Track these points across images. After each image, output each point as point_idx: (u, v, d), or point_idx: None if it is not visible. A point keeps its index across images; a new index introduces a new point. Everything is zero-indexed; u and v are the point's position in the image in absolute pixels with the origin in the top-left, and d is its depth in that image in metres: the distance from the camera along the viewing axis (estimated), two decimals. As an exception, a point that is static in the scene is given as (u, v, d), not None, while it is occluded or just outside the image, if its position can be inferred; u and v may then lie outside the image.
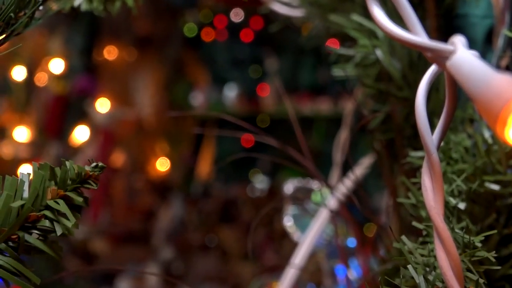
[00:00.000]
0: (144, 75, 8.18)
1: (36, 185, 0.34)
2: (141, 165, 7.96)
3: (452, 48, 0.38)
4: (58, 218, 0.35)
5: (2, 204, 0.32)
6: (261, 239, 4.41)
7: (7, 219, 0.33)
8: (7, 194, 0.33)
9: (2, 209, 0.32)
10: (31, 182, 0.35)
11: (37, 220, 0.35)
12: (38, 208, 0.35)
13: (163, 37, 7.80)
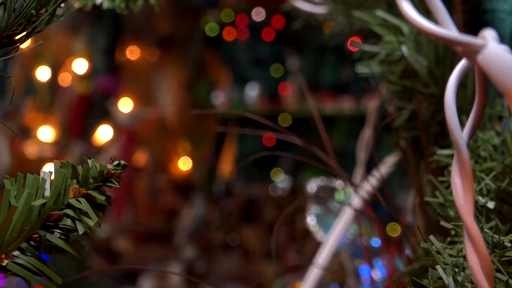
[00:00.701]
0: (166, 75, 8.23)
1: (57, 183, 0.34)
2: (164, 164, 8.01)
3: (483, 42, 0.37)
4: (80, 217, 0.35)
5: (24, 203, 0.32)
6: (283, 238, 4.40)
7: (28, 218, 0.33)
8: (28, 193, 0.33)
9: (24, 208, 0.32)
10: (52, 181, 0.34)
11: (58, 219, 0.34)
12: (60, 207, 0.34)
13: (184, 37, 7.84)
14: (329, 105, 5.95)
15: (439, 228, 0.69)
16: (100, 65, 6.94)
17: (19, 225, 0.32)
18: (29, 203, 0.32)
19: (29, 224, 0.33)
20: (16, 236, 0.32)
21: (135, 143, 5.00)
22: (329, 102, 5.93)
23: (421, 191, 0.70)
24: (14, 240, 0.32)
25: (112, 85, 6.75)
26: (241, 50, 7.60)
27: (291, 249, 4.25)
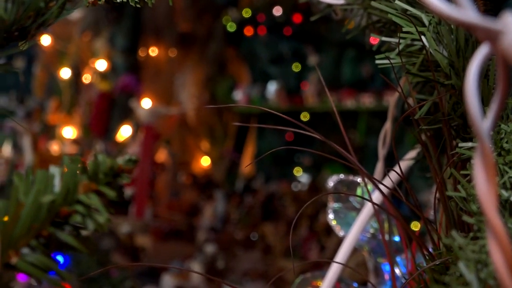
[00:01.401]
0: (186, 73, 8.26)
1: (67, 179, 0.33)
2: (185, 161, 8.05)
3: (505, 26, 0.35)
4: (90, 213, 0.34)
5: (33, 200, 0.32)
6: (304, 234, 4.39)
7: (37, 214, 0.32)
8: (37, 189, 0.32)
9: (33, 205, 0.32)
10: (62, 177, 0.34)
11: (68, 216, 0.34)
12: (70, 203, 0.34)
13: (204, 35, 7.86)
14: (349, 100, 5.92)
15: (461, 223, 0.68)
16: (121, 64, 6.99)
17: (28, 222, 0.32)
18: (38, 200, 0.32)
19: (38, 221, 0.32)
20: (25, 233, 0.32)
21: (156, 140, 5.03)
22: (350, 97, 5.90)
23: (443, 186, 0.68)
24: (23, 237, 0.32)
25: (133, 84, 6.80)
26: (261, 47, 7.59)
27: (312, 245, 4.24)
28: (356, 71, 6.03)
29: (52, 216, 0.32)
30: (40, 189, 0.32)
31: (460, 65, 0.62)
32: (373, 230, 1.01)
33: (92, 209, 0.33)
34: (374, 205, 0.86)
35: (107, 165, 0.35)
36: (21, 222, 0.31)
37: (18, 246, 0.31)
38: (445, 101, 0.65)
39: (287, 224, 4.43)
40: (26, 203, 0.31)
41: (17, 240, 0.31)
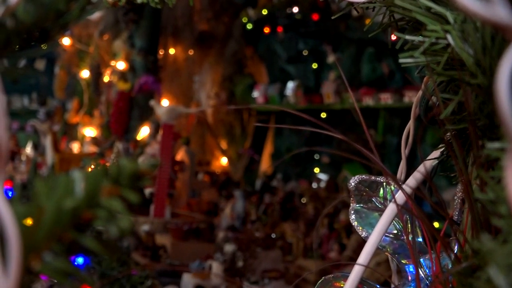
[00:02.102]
0: (205, 72, 8.28)
1: (89, 184, 0.33)
2: (204, 160, 8.07)
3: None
4: (112, 218, 0.34)
5: (54, 204, 0.31)
6: (324, 233, 4.37)
7: (59, 219, 0.32)
8: (59, 194, 0.32)
9: (54, 210, 0.31)
10: (84, 181, 0.33)
11: (91, 220, 0.33)
12: (92, 207, 0.33)
13: (223, 34, 7.87)
14: (368, 98, 5.88)
15: (487, 225, 0.66)
16: (140, 64, 7.04)
17: (50, 227, 0.31)
18: (59, 205, 0.31)
19: (60, 226, 0.32)
20: (46, 238, 0.31)
21: (175, 139, 5.05)
22: (368, 96, 5.86)
23: (469, 187, 0.66)
24: (45, 242, 0.31)
25: (152, 83, 6.84)
26: (279, 46, 7.58)
27: (332, 244, 4.22)
28: (375, 69, 5.98)
29: (74, 220, 0.32)
30: (62, 193, 0.31)
31: (486, 63, 0.61)
32: (396, 231, 0.99)
33: (115, 213, 0.33)
34: (397, 206, 0.85)
35: (129, 168, 0.35)
36: (43, 227, 0.31)
37: (40, 251, 0.31)
38: (471, 101, 0.63)
39: (306, 223, 4.42)
40: (47, 207, 0.31)
41: (39, 245, 0.31)
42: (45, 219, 0.31)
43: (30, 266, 0.31)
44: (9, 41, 0.31)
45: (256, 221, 4.92)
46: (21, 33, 0.33)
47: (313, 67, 7.23)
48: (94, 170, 0.33)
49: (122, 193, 0.34)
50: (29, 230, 0.30)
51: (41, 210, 0.31)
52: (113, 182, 0.33)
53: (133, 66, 7.05)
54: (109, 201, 0.33)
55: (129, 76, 7.11)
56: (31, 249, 0.30)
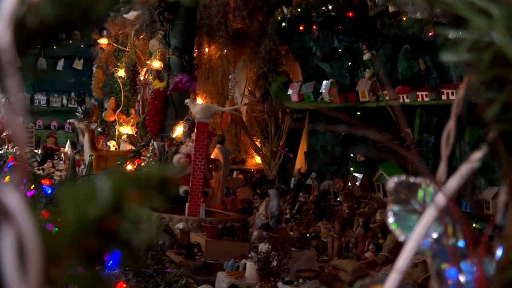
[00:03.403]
0: (239, 70, 8.29)
1: (114, 190, 0.32)
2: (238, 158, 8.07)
3: None
4: (136, 228, 0.32)
5: (77, 212, 0.30)
6: (360, 232, 4.32)
7: (82, 227, 0.31)
8: (82, 201, 0.31)
9: (78, 217, 0.30)
10: (109, 188, 0.32)
11: (114, 227, 0.32)
12: (116, 214, 0.32)
13: (257, 32, 7.86)
14: (405, 96, 5.78)
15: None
16: (175, 63, 7.09)
17: (72, 235, 0.30)
18: (82, 212, 0.30)
19: (83, 234, 0.31)
20: (69, 246, 0.30)
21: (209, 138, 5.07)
22: (405, 93, 5.76)
23: (515, 190, 0.63)
24: (67, 250, 0.30)
25: (187, 82, 6.88)
26: (314, 44, 7.52)
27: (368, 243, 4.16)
28: (412, 66, 5.88)
29: (98, 228, 0.31)
30: (85, 201, 0.30)
31: (534, 60, 0.58)
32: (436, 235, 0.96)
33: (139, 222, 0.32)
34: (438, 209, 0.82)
35: (156, 174, 0.33)
36: (65, 235, 0.30)
37: (62, 260, 0.30)
38: (518, 100, 0.60)
39: (341, 222, 4.37)
40: (70, 216, 0.30)
41: (61, 254, 0.30)
42: (67, 227, 0.29)
43: (52, 275, 0.30)
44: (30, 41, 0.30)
45: (291, 220, 4.90)
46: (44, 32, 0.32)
47: (349, 64, 7.15)
48: (119, 176, 0.32)
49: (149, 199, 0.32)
50: (51, 239, 0.29)
51: (64, 218, 0.30)
52: (139, 188, 0.32)
53: (168, 65, 7.10)
54: (134, 209, 0.31)
55: (164, 75, 7.17)
56: (52, 258, 0.29)
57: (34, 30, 0.30)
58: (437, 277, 0.99)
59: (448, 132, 0.99)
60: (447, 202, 0.84)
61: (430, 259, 0.98)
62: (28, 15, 0.30)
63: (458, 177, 0.86)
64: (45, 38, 0.32)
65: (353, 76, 7.08)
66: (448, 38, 0.68)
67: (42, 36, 0.32)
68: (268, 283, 2.88)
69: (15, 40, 0.28)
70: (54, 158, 8.44)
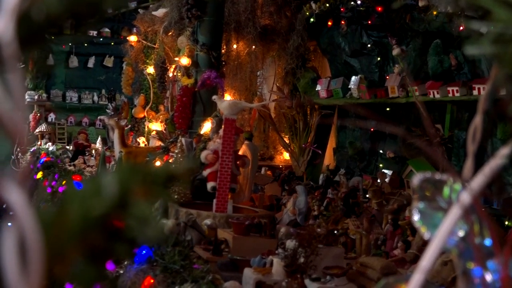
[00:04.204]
0: (267, 66, 8.27)
1: (120, 187, 0.31)
2: (267, 154, 8.06)
3: None
4: (142, 225, 0.32)
5: (81, 209, 0.30)
6: (388, 229, 4.27)
7: (86, 224, 0.30)
8: (87, 197, 0.30)
9: (81, 214, 0.30)
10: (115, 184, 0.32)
11: (120, 223, 0.32)
12: (122, 211, 0.32)
13: (285, 28, 7.83)
14: (436, 92, 5.69)
15: None
16: (203, 59, 7.11)
17: (76, 232, 0.30)
18: (86, 209, 0.30)
19: (87, 231, 0.30)
20: (73, 244, 0.30)
21: (237, 134, 5.07)
22: (435, 89, 5.67)
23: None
24: (71, 248, 0.30)
25: (215, 79, 6.89)
26: (343, 39, 7.46)
27: (397, 241, 4.11)
28: (442, 61, 5.78)
29: (102, 225, 0.30)
30: (89, 198, 0.30)
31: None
32: (462, 233, 0.93)
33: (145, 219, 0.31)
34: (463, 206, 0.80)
35: (163, 171, 0.33)
36: (69, 233, 0.29)
37: (66, 257, 0.30)
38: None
39: (370, 219, 4.33)
40: (74, 213, 0.29)
41: (65, 251, 0.30)
42: (71, 223, 0.29)
43: (56, 272, 0.29)
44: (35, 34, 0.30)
45: (319, 217, 4.87)
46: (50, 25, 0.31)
47: (378, 60, 7.07)
48: (125, 173, 0.32)
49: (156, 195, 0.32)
50: (54, 236, 0.29)
51: (68, 215, 0.29)
52: (145, 184, 0.32)
53: (196, 62, 7.13)
54: (140, 205, 0.31)
55: (192, 71, 7.20)
56: (56, 254, 0.29)
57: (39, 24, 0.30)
58: (464, 276, 0.97)
59: (475, 128, 0.97)
60: (472, 200, 0.82)
61: (456, 257, 0.96)
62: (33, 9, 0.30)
63: (484, 174, 0.83)
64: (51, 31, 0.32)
65: (382, 71, 7.00)
66: (473, 30, 0.66)
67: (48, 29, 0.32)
68: (295, 280, 2.87)
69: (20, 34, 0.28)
70: (85, 154, 8.57)
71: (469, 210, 0.83)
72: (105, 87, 12.00)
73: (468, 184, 0.83)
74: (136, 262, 2.90)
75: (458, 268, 0.95)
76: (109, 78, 11.99)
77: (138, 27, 9.64)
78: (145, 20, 9.24)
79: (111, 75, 11.90)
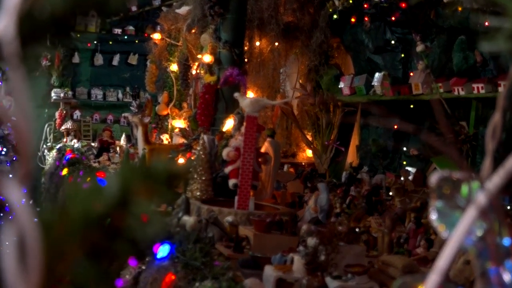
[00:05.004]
0: (290, 64, 8.25)
1: (121, 186, 0.31)
2: (289, 152, 8.05)
3: None
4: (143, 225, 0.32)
5: (82, 208, 0.30)
6: (411, 228, 4.23)
7: (87, 223, 0.30)
8: (88, 196, 0.30)
9: (82, 213, 0.30)
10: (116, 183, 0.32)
11: (121, 223, 0.32)
12: (123, 209, 0.32)
13: (308, 25, 7.80)
14: (460, 89, 5.62)
15: None
16: (226, 57, 7.12)
17: (77, 231, 0.30)
18: (87, 208, 0.30)
19: (88, 230, 0.31)
20: (74, 243, 0.30)
21: (259, 131, 5.07)
22: (460, 85, 5.60)
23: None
24: (72, 247, 0.30)
25: (238, 76, 6.90)
26: (367, 36, 7.40)
27: (420, 239, 4.07)
28: (467, 57, 5.69)
29: (103, 224, 0.30)
30: (89, 197, 0.30)
31: None
32: (480, 232, 0.92)
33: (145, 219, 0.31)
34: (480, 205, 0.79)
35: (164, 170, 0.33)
36: (69, 232, 0.29)
37: (67, 256, 0.30)
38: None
39: (392, 217, 4.29)
40: (74, 211, 0.29)
41: (65, 250, 0.30)
42: (72, 222, 0.29)
43: (57, 270, 0.29)
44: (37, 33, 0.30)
45: (341, 215, 4.85)
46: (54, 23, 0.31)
47: (402, 57, 7.00)
48: (127, 172, 0.32)
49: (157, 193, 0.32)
50: (55, 234, 0.29)
51: (69, 213, 0.30)
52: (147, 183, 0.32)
53: (219, 59, 7.14)
54: (141, 204, 0.31)
55: (215, 69, 7.21)
56: (57, 253, 0.29)
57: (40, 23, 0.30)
58: (482, 276, 0.95)
59: (494, 125, 0.95)
60: (491, 199, 0.81)
61: (474, 257, 0.95)
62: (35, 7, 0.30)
63: (503, 172, 0.82)
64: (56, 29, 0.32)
65: (406, 68, 6.93)
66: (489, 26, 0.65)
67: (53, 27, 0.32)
68: (315, 278, 2.86)
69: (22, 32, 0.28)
70: (110, 151, 8.65)
71: (487, 209, 0.82)
72: (130, 85, 12.08)
73: (486, 182, 0.81)
74: (158, 259, 2.92)
75: (476, 268, 0.94)
76: (133, 76, 12.07)
77: (161, 25, 9.69)
78: (169, 18, 9.29)
79: (136, 72, 11.97)
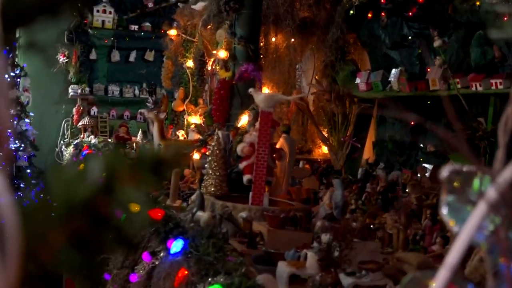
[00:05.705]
0: (306, 59, 8.22)
1: (106, 171, 0.31)
2: (305, 148, 8.02)
3: None
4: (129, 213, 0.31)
5: (65, 194, 0.29)
6: (427, 224, 4.19)
7: (70, 210, 0.30)
8: (71, 182, 0.30)
9: (65, 200, 0.29)
10: (101, 169, 0.31)
11: (106, 210, 0.31)
12: (108, 196, 0.31)
13: (325, 20, 7.76)
14: (478, 84, 5.55)
15: None
16: (241, 53, 7.11)
17: (60, 217, 0.29)
18: (70, 194, 0.29)
19: (72, 217, 0.30)
20: (57, 230, 0.30)
21: (274, 127, 5.06)
22: (478, 81, 5.53)
23: None
24: (55, 234, 0.30)
25: (253, 71, 6.89)
26: (383, 31, 7.34)
27: (436, 236, 4.03)
28: (485, 53, 5.62)
29: (87, 211, 0.30)
30: (73, 183, 0.29)
31: None
32: (492, 227, 0.90)
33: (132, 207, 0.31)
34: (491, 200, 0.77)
35: (150, 156, 0.32)
36: (53, 217, 0.29)
37: (50, 243, 0.29)
38: None
39: (408, 214, 4.26)
40: (57, 198, 0.29)
41: (48, 237, 0.29)
42: (55, 208, 0.29)
43: (40, 258, 0.29)
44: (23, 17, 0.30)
45: (356, 211, 4.82)
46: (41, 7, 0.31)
47: (419, 52, 6.93)
48: (111, 158, 0.31)
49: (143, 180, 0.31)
50: (38, 221, 0.28)
51: (52, 200, 0.29)
52: (132, 170, 0.31)
53: (234, 55, 7.14)
54: (127, 191, 0.30)
55: (230, 64, 7.21)
56: (40, 240, 0.28)
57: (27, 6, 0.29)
58: (493, 271, 0.93)
59: (506, 119, 0.93)
60: (502, 193, 0.79)
61: (486, 253, 0.93)
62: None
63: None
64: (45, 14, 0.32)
65: (423, 64, 6.86)
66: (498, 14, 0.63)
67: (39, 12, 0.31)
68: (329, 274, 2.84)
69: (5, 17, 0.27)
70: (126, 147, 8.69)
71: (498, 204, 0.80)
72: (146, 81, 12.12)
73: (497, 176, 0.80)
74: (171, 254, 2.92)
75: (488, 263, 0.92)
76: (149, 72, 12.10)
77: (177, 21, 9.71)
78: (185, 14, 9.30)
79: (152, 69, 12.00)
